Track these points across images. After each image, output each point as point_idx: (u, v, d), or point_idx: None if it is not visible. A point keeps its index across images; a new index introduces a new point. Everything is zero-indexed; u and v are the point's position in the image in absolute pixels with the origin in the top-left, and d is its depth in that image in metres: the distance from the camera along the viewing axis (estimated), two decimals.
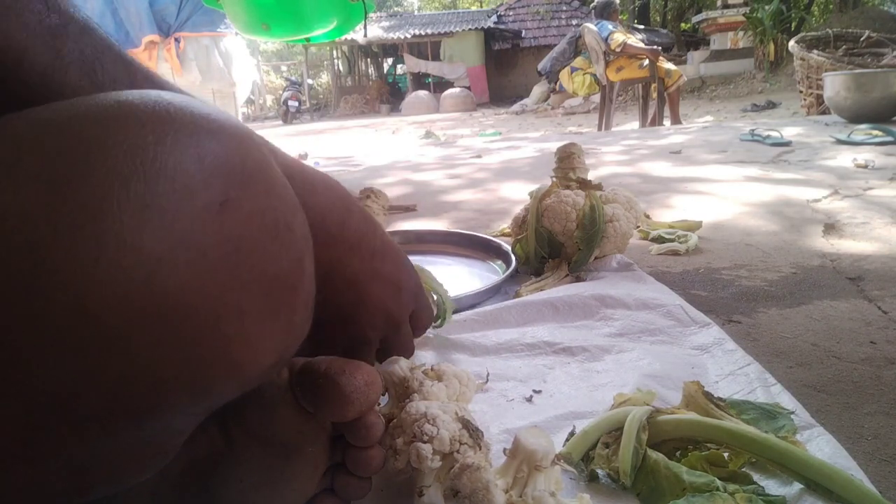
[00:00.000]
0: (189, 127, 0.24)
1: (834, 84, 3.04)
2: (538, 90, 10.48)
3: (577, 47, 8.15)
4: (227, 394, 0.27)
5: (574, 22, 12.49)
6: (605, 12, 4.70)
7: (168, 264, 0.22)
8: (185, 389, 0.24)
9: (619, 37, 4.43)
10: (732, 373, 0.63)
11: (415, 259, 1.15)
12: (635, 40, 4.54)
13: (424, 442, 0.43)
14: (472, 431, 0.45)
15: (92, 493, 0.28)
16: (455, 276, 1.06)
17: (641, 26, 10.28)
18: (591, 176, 1.03)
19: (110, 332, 0.21)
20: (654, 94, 4.47)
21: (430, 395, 0.50)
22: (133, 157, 0.22)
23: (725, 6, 9.84)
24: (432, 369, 0.54)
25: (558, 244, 0.97)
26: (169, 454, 0.30)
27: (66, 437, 0.23)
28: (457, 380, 0.53)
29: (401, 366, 0.52)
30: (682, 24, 13.13)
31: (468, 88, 12.87)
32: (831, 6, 10.14)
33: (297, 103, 13.09)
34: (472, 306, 0.86)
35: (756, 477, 0.45)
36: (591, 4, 4.90)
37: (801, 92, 4.37)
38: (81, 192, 0.21)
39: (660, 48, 4.59)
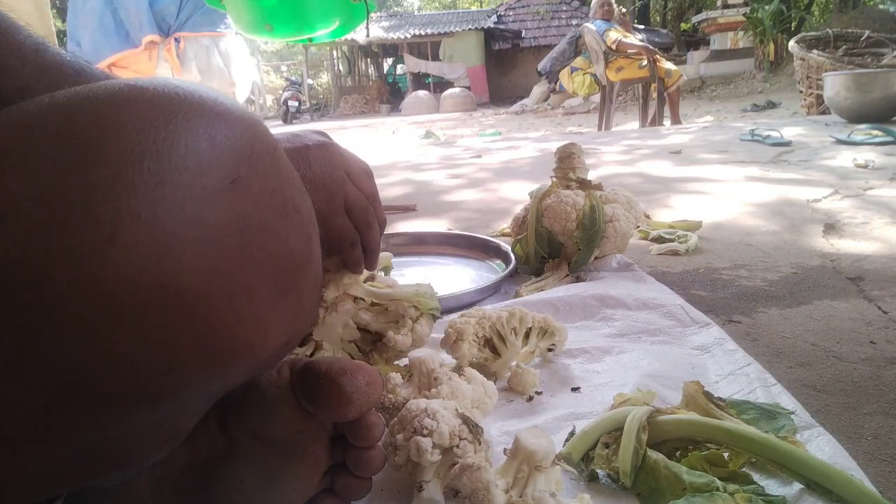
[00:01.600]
0: (199, 108, 0.24)
1: (834, 84, 3.04)
2: (538, 90, 10.47)
3: (577, 47, 8.14)
4: (240, 374, 0.27)
5: (574, 22, 12.48)
6: (599, 11, 4.70)
7: (182, 241, 0.22)
8: (199, 369, 0.24)
9: (613, 34, 4.43)
10: (732, 373, 0.63)
11: (414, 260, 1.15)
12: (632, 38, 4.54)
13: (424, 436, 0.43)
14: (472, 427, 0.45)
15: (103, 477, 0.28)
16: (454, 277, 1.06)
17: (641, 26, 10.26)
18: (591, 176, 1.03)
19: (126, 312, 0.21)
20: (654, 94, 4.47)
21: (457, 391, 0.51)
22: (145, 135, 0.22)
23: (725, 6, 9.83)
24: (463, 371, 0.55)
25: (558, 244, 0.97)
26: (180, 437, 0.30)
27: (80, 420, 0.23)
28: (483, 388, 0.54)
29: (433, 358, 0.53)
30: (682, 24, 13.13)
31: (468, 88, 12.86)
32: (831, 6, 10.14)
33: (297, 103, 13.08)
34: (471, 304, 0.86)
35: (756, 477, 0.45)
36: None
37: (801, 92, 4.37)
38: (95, 172, 0.21)
39: (654, 50, 4.58)
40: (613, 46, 4.40)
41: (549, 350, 0.67)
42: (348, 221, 0.55)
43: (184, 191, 0.22)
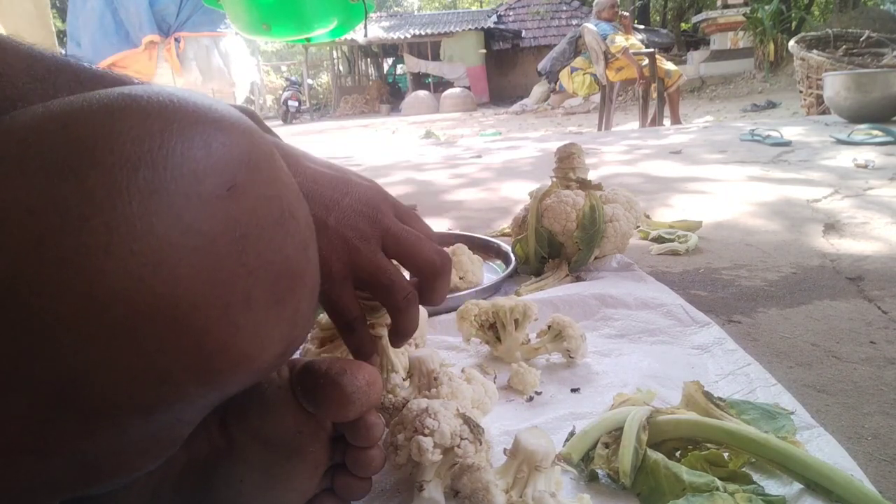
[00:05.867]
0: (194, 116, 0.24)
1: (834, 84, 3.04)
2: (538, 90, 10.48)
3: (577, 47, 8.15)
4: (236, 385, 0.27)
5: (574, 22, 12.49)
6: (607, 13, 4.70)
7: (178, 249, 0.22)
8: (194, 380, 0.24)
9: (620, 41, 4.44)
10: (732, 373, 0.63)
11: None
12: (638, 44, 4.54)
13: (425, 435, 0.43)
14: (473, 427, 0.45)
15: (98, 486, 0.28)
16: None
17: (642, 26, 10.25)
18: (592, 176, 1.03)
19: (120, 322, 0.21)
20: (654, 94, 4.47)
21: (458, 391, 0.51)
22: (140, 144, 0.22)
23: (725, 6, 9.84)
24: (464, 371, 0.55)
25: (558, 244, 0.97)
26: (175, 445, 0.30)
27: (74, 431, 0.23)
28: (483, 387, 0.54)
29: (433, 358, 0.54)
30: (682, 24, 13.13)
31: (468, 88, 12.87)
32: (831, 6, 10.15)
33: (297, 103, 13.09)
34: None
35: (756, 477, 0.45)
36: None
37: (801, 92, 4.36)
38: (89, 182, 0.21)
39: (655, 51, 4.59)
40: (619, 55, 4.40)
41: (571, 357, 0.67)
42: (384, 261, 0.42)
43: (180, 199, 0.22)
